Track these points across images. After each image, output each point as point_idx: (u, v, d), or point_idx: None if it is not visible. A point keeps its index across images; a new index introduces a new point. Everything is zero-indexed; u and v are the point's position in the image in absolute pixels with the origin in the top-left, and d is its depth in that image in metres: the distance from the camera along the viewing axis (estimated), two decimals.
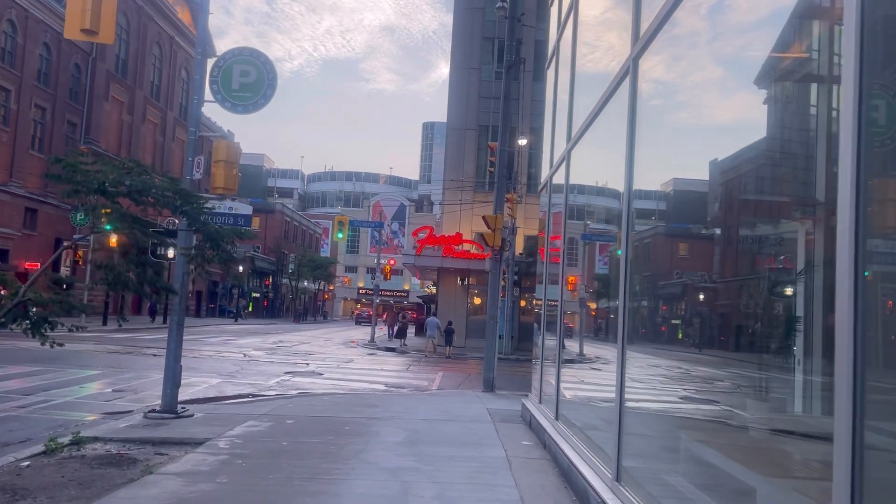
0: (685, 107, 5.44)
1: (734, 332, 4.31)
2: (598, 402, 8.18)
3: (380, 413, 10.64)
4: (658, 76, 5.65)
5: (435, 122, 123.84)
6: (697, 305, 5.14)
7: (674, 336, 5.71)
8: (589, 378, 9.25)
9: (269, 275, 77.97)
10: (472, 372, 20.68)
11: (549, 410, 8.80)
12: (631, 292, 5.55)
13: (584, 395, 8.92)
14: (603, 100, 6.81)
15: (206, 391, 13.33)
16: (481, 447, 8.31)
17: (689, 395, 5.38)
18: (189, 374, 15.74)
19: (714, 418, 4.64)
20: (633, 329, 5.63)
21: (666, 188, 5.78)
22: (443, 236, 31.77)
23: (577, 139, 8.22)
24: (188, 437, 8.22)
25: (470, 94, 33.81)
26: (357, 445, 8.07)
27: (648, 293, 5.97)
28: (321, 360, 21.46)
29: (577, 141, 8.30)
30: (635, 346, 5.67)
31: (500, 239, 15.24)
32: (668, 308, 5.86)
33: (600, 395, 8.36)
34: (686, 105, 5.43)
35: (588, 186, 8.93)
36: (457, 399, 13.17)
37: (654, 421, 5.94)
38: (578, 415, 7.95)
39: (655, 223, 6.25)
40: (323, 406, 11.30)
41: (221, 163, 9.88)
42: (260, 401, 12.16)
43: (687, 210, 5.47)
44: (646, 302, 5.99)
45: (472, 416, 10.91)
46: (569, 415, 8.02)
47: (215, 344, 26.32)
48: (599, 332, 10.23)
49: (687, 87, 5.34)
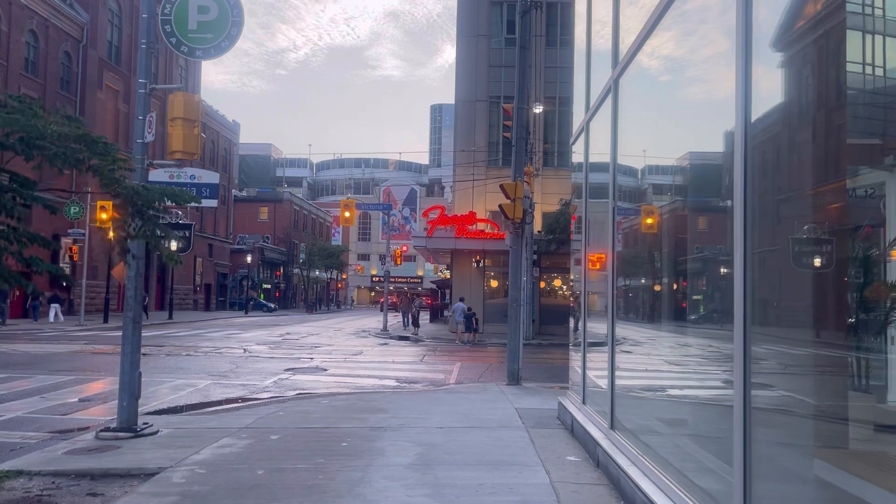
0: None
1: (761, 305, 3.90)
2: (661, 398, 6.28)
3: (387, 420, 8.78)
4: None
5: (443, 104, 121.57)
6: (719, 280, 4.89)
7: (695, 312, 5.44)
8: (631, 363, 7.30)
9: (280, 265, 76.48)
10: (492, 361, 18.81)
11: (600, 415, 6.89)
12: (652, 269, 5.47)
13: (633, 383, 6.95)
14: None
15: (190, 396, 11.55)
16: (516, 469, 6.41)
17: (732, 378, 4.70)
18: (176, 375, 13.99)
19: (779, 407, 4.04)
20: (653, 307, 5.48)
21: (682, 161, 5.67)
22: (455, 216, 29.79)
23: (627, 63, 6.22)
24: (138, 466, 6.40)
25: (479, 64, 31.64)
26: (354, 472, 6.21)
27: (668, 269, 5.83)
28: (327, 354, 19.66)
29: (625, 66, 6.30)
30: (655, 325, 5.48)
31: (522, 210, 13.28)
32: (688, 284, 5.71)
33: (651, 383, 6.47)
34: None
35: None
36: (478, 397, 11.29)
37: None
38: (643, 419, 6.04)
39: (672, 198, 6.15)
40: (320, 413, 9.46)
41: (179, 121, 7.99)
42: (248, 407, 10.35)
43: (705, 183, 5.21)
44: (666, 279, 5.86)
45: (500, 419, 9.02)
46: (630, 421, 6.11)
47: (216, 339, 24.64)
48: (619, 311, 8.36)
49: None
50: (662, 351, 6.72)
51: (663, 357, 6.60)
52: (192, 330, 29.79)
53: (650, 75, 6.10)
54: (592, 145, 8.03)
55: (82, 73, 39.90)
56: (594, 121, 7.80)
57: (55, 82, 38.30)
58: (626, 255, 6.79)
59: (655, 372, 6.64)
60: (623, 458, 5.62)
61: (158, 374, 13.91)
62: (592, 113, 7.80)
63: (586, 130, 8.09)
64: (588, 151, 8.05)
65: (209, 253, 59.07)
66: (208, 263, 58.78)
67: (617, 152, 6.52)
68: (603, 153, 7.14)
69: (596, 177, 7.79)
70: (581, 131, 8.47)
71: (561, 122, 32.45)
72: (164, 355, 18.00)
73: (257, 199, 79.07)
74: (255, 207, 77.16)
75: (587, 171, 8.10)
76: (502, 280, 31.65)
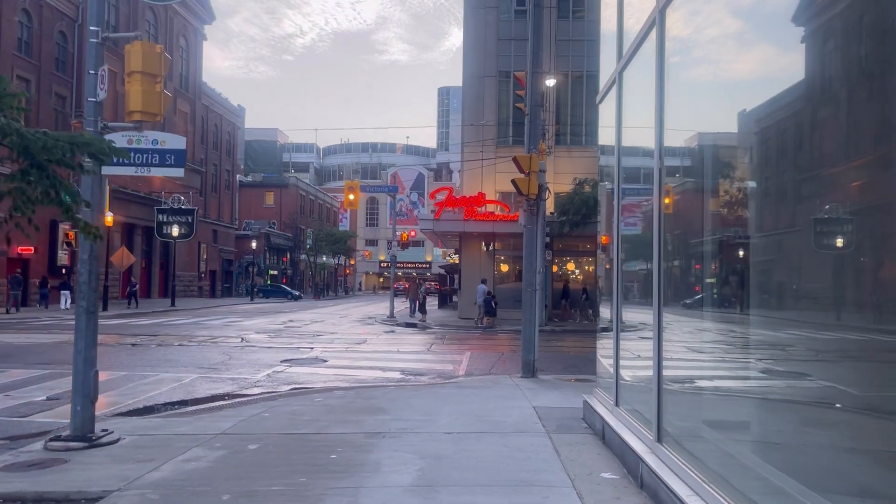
0: None
1: (779, 289, 3.86)
2: (725, 396, 5.10)
3: (386, 423, 7.62)
4: None
5: (451, 87, 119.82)
6: (735, 262, 4.72)
7: (710, 296, 5.23)
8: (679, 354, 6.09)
9: (287, 251, 75.49)
10: (504, 349, 17.64)
11: (641, 423, 5.68)
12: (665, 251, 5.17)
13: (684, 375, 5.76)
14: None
15: (171, 393, 10.44)
16: (540, 491, 5.22)
17: (768, 366, 4.49)
18: (162, 368, 12.89)
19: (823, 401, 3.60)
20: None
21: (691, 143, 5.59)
22: (464, 197, 28.47)
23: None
24: (79, 489, 5.26)
25: (487, 37, 30.17)
26: (340, 497, 5.04)
27: (680, 252, 5.70)
28: (329, 343, 18.54)
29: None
30: (669, 308, 5.22)
31: (537, 185, 12.02)
32: (700, 267, 5.53)
33: (714, 384, 5.29)
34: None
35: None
36: (491, 392, 10.12)
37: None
38: (705, 432, 4.84)
39: (682, 179, 6.13)
40: (311, 414, 8.30)
41: (137, 76, 6.82)
42: (232, 406, 9.22)
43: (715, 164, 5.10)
44: (677, 262, 5.75)
45: (516, 422, 7.83)
46: (685, 432, 4.90)
47: (215, 327, 23.58)
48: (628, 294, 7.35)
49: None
50: (684, 338, 5.74)
51: (724, 346, 5.42)
52: (192, 318, 28.78)
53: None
54: (627, 103, 6.76)
55: (78, 53, 38.66)
56: (629, 69, 6.52)
57: (50, 63, 37.13)
58: (677, 230, 5.57)
59: (715, 364, 5.51)
60: (680, 485, 4.41)
61: (143, 368, 12.82)
62: (627, 60, 6.52)
63: (618, 83, 6.82)
64: (621, 107, 6.78)
65: (214, 239, 58.09)
66: (213, 250, 57.82)
67: (664, 99, 5.24)
68: (642, 109, 5.89)
69: (635, 138, 6.52)
70: (611, 84, 7.20)
71: (573, 101, 31.03)
72: (154, 346, 16.93)
73: (263, 185, 77.99)
74: (261, 193, 76.06)
75: (620, 132, 6.83)
76: (513, 264, 30.41)
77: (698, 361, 5.83)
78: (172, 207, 43.81)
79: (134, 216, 43.79)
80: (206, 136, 57.14)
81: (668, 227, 5.39)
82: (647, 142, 5.77)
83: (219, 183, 60.37)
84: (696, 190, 5.76)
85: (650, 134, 5.45)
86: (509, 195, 30.60)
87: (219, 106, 59.99)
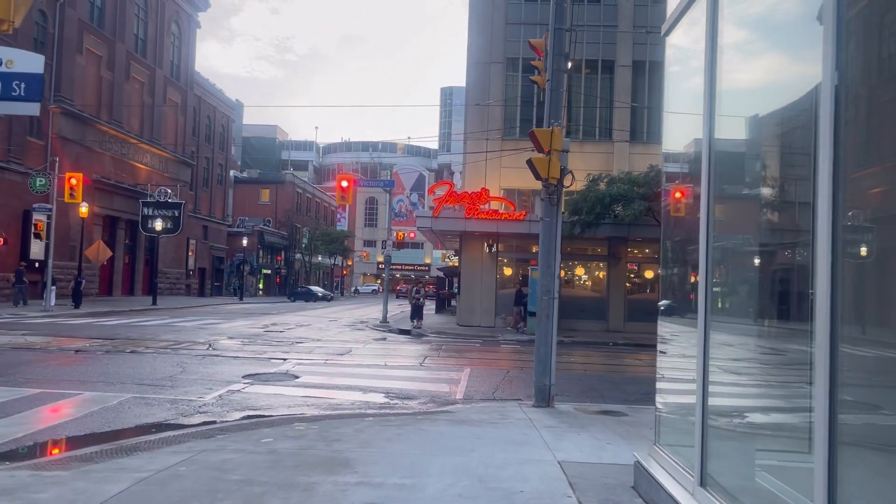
0: None
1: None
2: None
3: (348, 493, 5.19)
4: None
5: (454, 87, 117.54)
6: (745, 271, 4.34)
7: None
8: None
9: (282, 250, 73.07)
10: (508, 365, 15.23)
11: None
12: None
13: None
14: None
15: (82, 422, 8.01)
16: None
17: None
18: (92, 384, 10.44)
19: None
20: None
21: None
22: (465, 193, 26.03)
23: None
24: None
25: (495, 21, 27.78)
26: None
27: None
28: (307, 353, 16.09)
29: None
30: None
31: (559, 166, 9.61)
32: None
33: None
34: None
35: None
36: (498, 433, 7.69)
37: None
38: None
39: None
40: (245, 469, 5.87)
41: None
42: (147, 449, 6.76)
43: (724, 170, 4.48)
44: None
45: (538, 492, 5.40)
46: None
47: (186, 330, 21.13)
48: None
49: None
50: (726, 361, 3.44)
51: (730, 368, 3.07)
52: (166, 318, 26.33)
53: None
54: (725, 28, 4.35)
55: (59, 34, 36.33)
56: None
57: (27, 43, 34.65)
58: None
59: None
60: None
61: (67, 384, 10.40)
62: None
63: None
64: (717, 19, 4.36)
65: (204, 235, 55.66)
66: (203, 246, 55.36)
67: None
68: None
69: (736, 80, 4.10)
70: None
71: (586, 92, 28.69)
72: (101, 353, 14.50)
73: (259, 181, 75.64)
74: (256, 189, 73.66)
75: (712, 56, 4.41)
76: (516, 267, 28.00)
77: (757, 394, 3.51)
78: (158, 201, 41.43)
79: (117, 209, 41.41)
80: (197, 128, 54.73)
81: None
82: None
83: (211, 177, 57.96)
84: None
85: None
86: (514, 192, 28.22)
87: (212, 97, 57.61)
